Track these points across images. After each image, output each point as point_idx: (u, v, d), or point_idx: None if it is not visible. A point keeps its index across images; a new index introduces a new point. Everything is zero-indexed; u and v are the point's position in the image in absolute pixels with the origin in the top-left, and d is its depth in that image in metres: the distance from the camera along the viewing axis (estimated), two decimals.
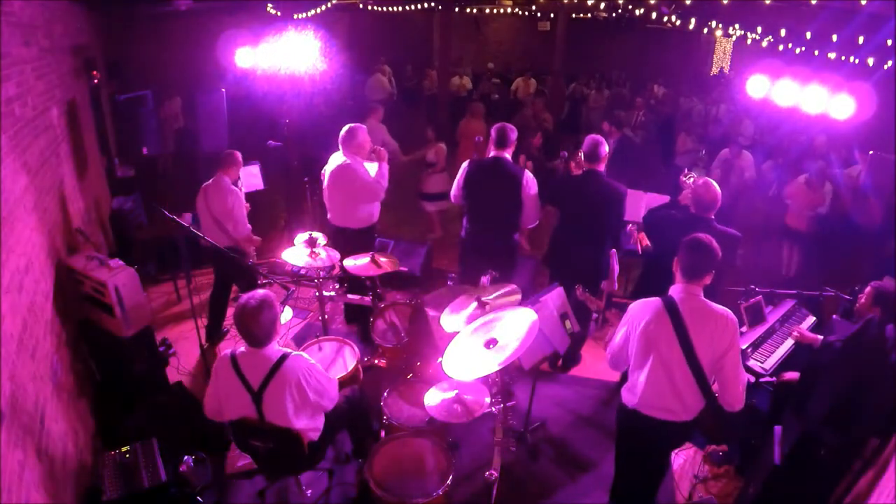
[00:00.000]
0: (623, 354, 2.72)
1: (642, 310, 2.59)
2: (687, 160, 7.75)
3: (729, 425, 2.70)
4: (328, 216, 4.68)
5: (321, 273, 4.27)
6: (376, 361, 3.92)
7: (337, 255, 4.06)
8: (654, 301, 2.57)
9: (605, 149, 4.06)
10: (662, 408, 2.59)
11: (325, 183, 4.55)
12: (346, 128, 4.45)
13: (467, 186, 4.30)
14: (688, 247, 2.56)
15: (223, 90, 6.43)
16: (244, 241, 4.62)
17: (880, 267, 4.46)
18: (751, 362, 3.76)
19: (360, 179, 4.44)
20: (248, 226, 4.61)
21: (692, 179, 4.07)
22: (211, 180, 4.50)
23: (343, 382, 3.39)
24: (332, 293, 4.45)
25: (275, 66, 6.14)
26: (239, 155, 4.60)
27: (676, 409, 2.57)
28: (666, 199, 5.04)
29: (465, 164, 4.33)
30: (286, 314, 4.37)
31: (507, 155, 4.22)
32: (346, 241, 4.49)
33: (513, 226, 4.34)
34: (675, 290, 2.58)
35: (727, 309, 2.53)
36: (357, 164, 4.43)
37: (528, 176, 4.19)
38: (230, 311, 5.00)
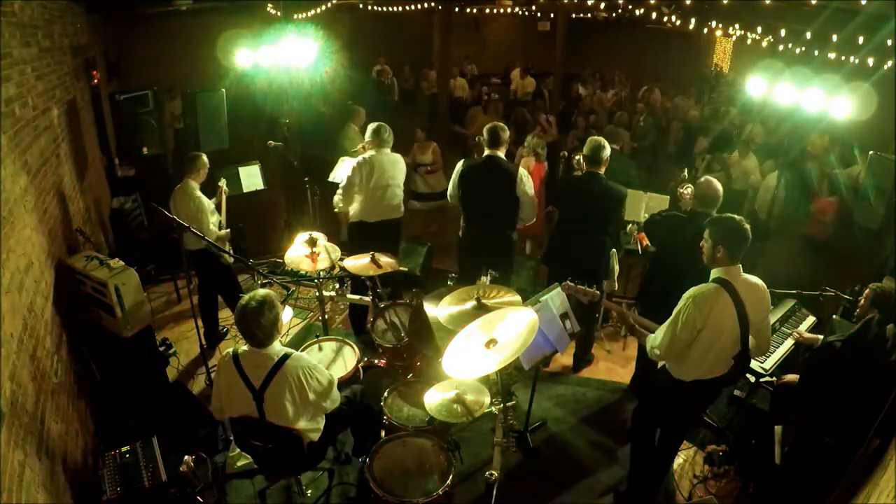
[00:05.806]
0: (688, 341, 2.89)
1: (707, 298, 2.80)
2: (700, 162, 7.68)
3: (747, 366, 3.15)
4: (360, 218, 4.68)
5: (321, 273, 4.26)
6: (376, 361, 3.92)
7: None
8: (714, 287, 2.81)
9: (607, 152, 4.06)
10: (717, 370, 2.97)
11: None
12: (371, 126, 4.56)
13: (463, 186, 4.30)
14: (726, 234, 2.80)
15: (223, 90, 6.42)
16: (217, 241, 4.38)
17: (880, 267, 4.46)
18: (751, 362, 3.76)
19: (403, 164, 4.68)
20: (214, 229, 4.42)
21: (689, 189, 4.08)
22: (179, 184, 4.37)
23: (343, 382, 3.39)
24: (332, 293, 4.44)
25: (275, 65, 6.13)
26: (204, 157, 4.46)
27: (723, 367, 2.98)
28: (666, 198, 5.06)
29: (459, 164, 4.34)
30: (286, 314, 4.35)
31: (501, 154, 4.23)
32: (383, 233, 4.63)
33: (509, 223, 4.35)
34: (722, 273, 2.83)
35: (759, 278, 2.90)
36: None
37: (523, 173, 4.20)
38: (227, 313, 5.01)
